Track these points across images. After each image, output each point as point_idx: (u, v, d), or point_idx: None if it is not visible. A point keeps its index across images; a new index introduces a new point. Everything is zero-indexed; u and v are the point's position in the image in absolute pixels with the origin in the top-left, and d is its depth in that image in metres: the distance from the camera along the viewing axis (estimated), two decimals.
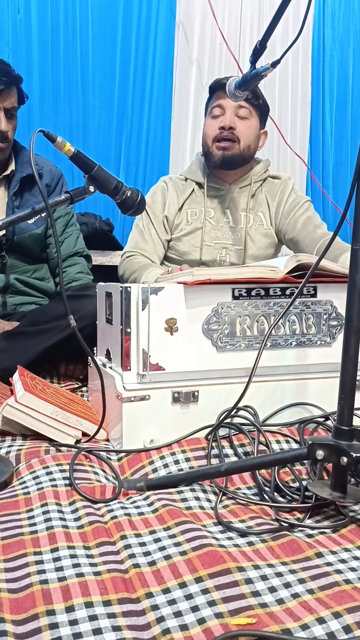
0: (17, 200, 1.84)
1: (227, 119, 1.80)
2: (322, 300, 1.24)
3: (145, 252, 1.87)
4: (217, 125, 1.81)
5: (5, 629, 0.60)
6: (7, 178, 1.86)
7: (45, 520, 0.83)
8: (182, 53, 2.87)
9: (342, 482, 0.88)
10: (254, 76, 1.31)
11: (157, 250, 1.89)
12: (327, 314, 1.24)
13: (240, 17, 2.89)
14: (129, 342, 1.14)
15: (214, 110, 1.83)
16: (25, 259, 1.89)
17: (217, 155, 1.82)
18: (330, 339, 1.25)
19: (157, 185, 1.97)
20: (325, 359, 1.24)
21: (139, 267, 1.77)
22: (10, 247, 1.83)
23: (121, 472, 1.05)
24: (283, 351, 1.22)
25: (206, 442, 1.09)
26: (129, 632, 0.61)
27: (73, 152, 1.07)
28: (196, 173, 1.93)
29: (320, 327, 1.24)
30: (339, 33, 3.03)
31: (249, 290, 1.18)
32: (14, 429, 1.21)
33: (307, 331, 1.23)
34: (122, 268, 1.87)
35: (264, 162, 1.95)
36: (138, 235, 1.90)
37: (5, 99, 1.70)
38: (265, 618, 0.63)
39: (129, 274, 1.80)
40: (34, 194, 1.87)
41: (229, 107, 1.80)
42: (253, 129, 1.85)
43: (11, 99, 1.72)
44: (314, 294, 1.23)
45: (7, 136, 1.75)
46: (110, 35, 2.79)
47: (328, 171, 3.09)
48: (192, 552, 0.74)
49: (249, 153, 1.86)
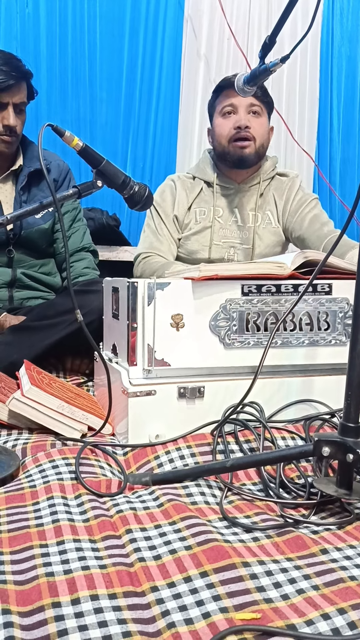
0: (25, 195, 1.84)
1: (242, 118, 1.78)
2: (337, 298, 1.22)
3: (161, 252, 1.86)
4: (232, 124, 1.79)
5: (11, 621, 0.61)
6: (15, 173, 1.86)
7: (51, 514, 0.83)
8: (190, 48, 2.86)
9: (347, 479, 0.88)
10: (263, 71, 1.30)
11: (172, 250, 1.89)
12: (343, 312, 1.22)
13: (248, 12, 2.88)
14: (135, 337, 1.14)
15: (225, 109, 1.81)
16: (32, 254, 1.89)
17: (235, 155, 1.81)
18: (345, 338, 1.22)
19: (165, 184, 1.96)
20: (340, 359, 1.21)
21: (159, 267, 1.76)
22: (17, 241, 1.84)
23: (127, 467, 1.05)
24: (294, 350, 1.20)
25: (212, 437, 1.10)
26: (134, 625, 0.61)
27: (81, 147, 1.07)
28: (205, 172, 1.92)
29: (335, 325, 1.22)
30: (348, 29, 3.01)
31: (259, 286, 1.17)
32: (21, 423, 1.21)
33: (320, 330, 1.21)
34: (141, 269, 1.85)
35: (271, 160, 1.94)
36: (152, 236, 1.89)
37: (14, 94, 1.70)
38: (270, 613, 0.63)
39: (149, 274, 1.78)
40: (42, 188, 1.87)
41: (241, 106, 1.79)
42: (265, 126, 1.85)
43: (21, 94, 1.72)
44: (329, 291, 1.21)
45: (16, 131, 1.75)
46: (118, 30, 2.78)
47: (335, 168, 3.08)
48: (197, 546, 0.74)
49: (263, 151, 1.86)
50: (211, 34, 2.86)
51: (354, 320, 0.87)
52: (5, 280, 1.85)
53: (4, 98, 1.68)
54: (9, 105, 1.70)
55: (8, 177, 1.86)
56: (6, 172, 1.85)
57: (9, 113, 1.71)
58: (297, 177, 1.96)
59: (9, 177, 1.86)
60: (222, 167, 1.90)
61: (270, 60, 1.30)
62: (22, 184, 1.83)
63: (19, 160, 1.86)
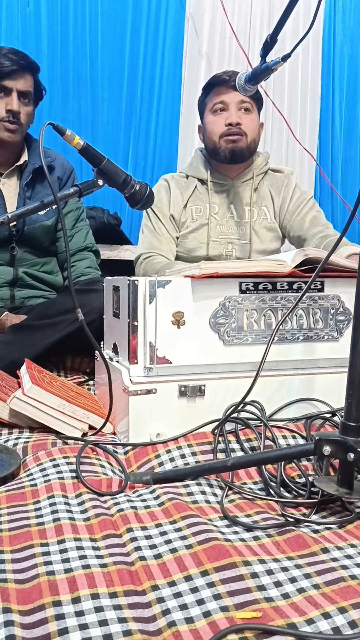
0: (29, 191, 1.85)
1: (232, 114, 1.80)
2: (329, 295, 1.23)
3: (161, 251, 1.87)
4: (223, 121, 1.81)
5: (12, 619, 0.61)
6: (19, 169, 1.87)
7: (52, 512, 0.83)
8: (191, 47, 2.85)
9: (348, 478, 0.87)
10: (264, 70, 1.30)
11: (172, 249, 1.90)
12: (335, 309, 1.24)
13: (250, 11, 2.88)
14: (136, 336, 1.14)
15: (216, 106, 1.83)
16: (35, 252, 1.90)
17: (226, 149, 1.82)
18: (337, 334, 1.24)
19: (159, 184, 1.97)
20: (333, 354, 1.24)
21: (161, 267, 1.76)
22: (20, 238, 1.84)
23: (127, 466, 1.05)
24: (290, 345, 1.22)
25: (212, 436, 1.09)
26: (134, 624, 0.61)
27: (82, 145, 1.07)
28: (198, 169, 1.93)
29: (327, 322, 1.24)
30: (350, 27, 3.00)
31: (256, 284, 1.18)
32: (22, 422, 1.21)
33: (314, 326, 1.23)
34: (142, 269, 1.86)
35: (263, 155, 1.96)
36: (151, 236, 1.90)
37: (18, 81, 1.73)
38: (270, 612, 0.63)
39: (151, 274, 1.79)
40: (46, 185, 1.87)
41: (232, 103, 1.81)
42: (255, 122, 1.88)
43: (25, 82, 1.75)
44: (321, 288, 1.23)
45: (20, 118, 1.77)
46: (120, 28, 2.78)
47: (337, 167, 3.07)
48: (198, 545, 0.74)
49: (254, 146, 1.88)
50: (212, 32, 2.85)
51: (354, 319, 0.87)
52: (7, 279, 1.85)
53: (8, 83, 1.72)
54: (13, 92, 1.73)
55: (13, 172, 1.87)
56: (11, 167, 1.85)
57: (12, 99, 1.74)
58: (292, 174, 1.97)
59: (13, 172, 1.87)
60: (215, 164, 1.91)
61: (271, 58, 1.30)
62: (26, 180, 1.84)
63: (23, 156, 1.87)
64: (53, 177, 1.92)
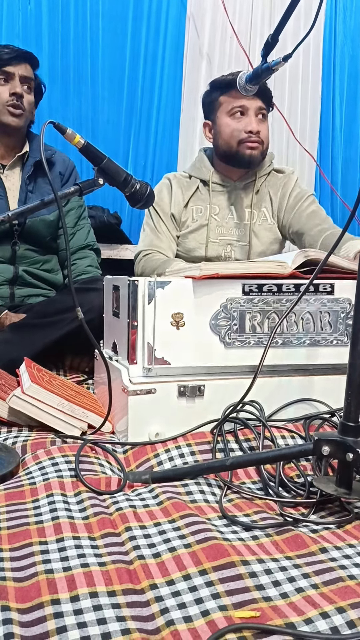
0: (31, 184, 1.87)
1: (253, 122, 1.81)
2: (339, 299, 1.22)
3: (161, 249, 1.87)
4: (243, 127, 1.81)
5: (11, 617, 0.61)
6: (22, 162, 1.88)
7: (50, 511, 0.83)
8: (192, 46, 2.85)
9: (347, 478, 0.88)
10: (265, 70, 1.30)
11: (172, 247, 1.91)
12: (345, 313, 1.22)
13: (251, 11, 2.87)
14: (135, 336, 1.14)
15: (235, 110, 1.82)
16: (36, 249, 1.90)
17: (245, 155, 1.83)
18: (347, 339, 1.22)
19: (161, 183, 1.97)
20: (341, 359, 1.21)
21: (160, 264, 1.77)
22: (22, 233, 1.84)
23: (126, 465, 1.05)
24: (295, 350, 1.20)
25: (211, 436, 1.10)
26: (133, 623, 0.61)
27: (83, 144, 1.07)
28: (201, 170, 1.93)
29: (337, 326, 1.22)
30: (351, 28, 3.00)
31: (260, 286, 1.17)
32: (21, 420, 1.21)
33: (322, 330, 1.21)
34: (141, 267, 1.86)
35: (268, 156, 1.96)
36: (151, 234, 1.90)
37: (20, 67, 1.80)
38: (269, 612, 0.63)
39: (149, 272, 1.79)
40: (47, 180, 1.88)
41: (252, 108, 1.81)
42: (268, 130, 1.89)
43: (27, 69, 1.82)
44: (331, 291, 1.21)
45: (23, 102, 1.81)
46: (121, 28, 2.78)
47: (337, 168, 3.07)
48: (196, 544, 0.75)
49: (266, 153, 1.90)
50: (213, 32, 2.85)
51: (354, 320, 0.87)
52: (7, 277, 1.85)
53: (10, 69, 1.78)
54: (15, 76, 1.79)
55: (15, 165, 1.88)
56: (13, 158, 1.86)
57: (15, 82, 1.80)
58: (292, 174, 1.97)
59: (16, 165, 1.88)
60: (219, 165, 1.91)
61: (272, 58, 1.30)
62: (28, 173, 1.86)
63: (25, 146, 1.89)
64: (54, 172, 1.93)
